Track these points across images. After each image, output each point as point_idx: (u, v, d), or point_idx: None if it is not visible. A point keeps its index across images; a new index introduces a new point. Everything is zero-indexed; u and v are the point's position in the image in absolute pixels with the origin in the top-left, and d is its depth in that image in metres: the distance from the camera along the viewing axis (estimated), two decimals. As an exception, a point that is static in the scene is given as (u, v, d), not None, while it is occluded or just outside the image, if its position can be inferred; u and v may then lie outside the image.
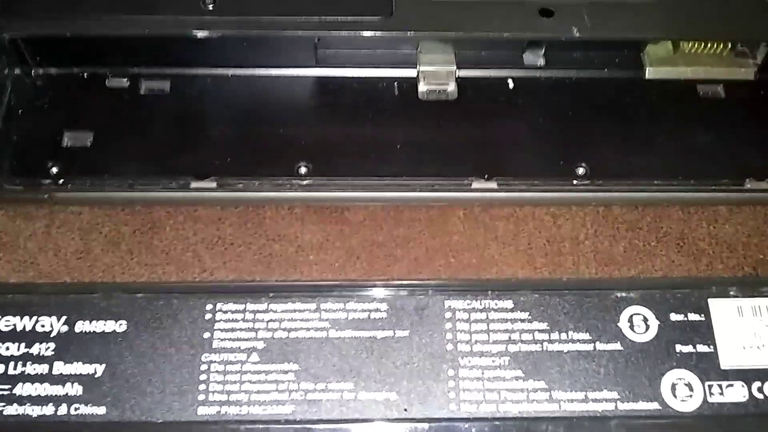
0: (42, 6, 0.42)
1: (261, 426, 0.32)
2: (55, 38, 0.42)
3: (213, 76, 0.44)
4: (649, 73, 0.46)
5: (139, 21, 0.42)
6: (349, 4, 0.43)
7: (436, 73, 0.44)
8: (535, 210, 0.44)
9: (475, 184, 0.42)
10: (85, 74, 0.44)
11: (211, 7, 0.42)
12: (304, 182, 0.41)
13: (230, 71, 0.44)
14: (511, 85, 0.45)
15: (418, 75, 0.44)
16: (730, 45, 0.45)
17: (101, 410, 0.33)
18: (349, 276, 0.40)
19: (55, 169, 0.41)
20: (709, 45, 0.46)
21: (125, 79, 0.44)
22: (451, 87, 0.44)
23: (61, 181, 0.41)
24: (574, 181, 0.42)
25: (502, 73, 0.45)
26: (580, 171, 0.42)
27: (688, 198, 0.43)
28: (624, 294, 0.35)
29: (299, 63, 0.45)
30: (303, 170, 0.41)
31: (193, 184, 0.41)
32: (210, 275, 0.40)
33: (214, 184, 0.41)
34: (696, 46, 0.45)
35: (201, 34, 0.42)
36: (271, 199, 0.42)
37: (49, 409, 0.33)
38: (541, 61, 0.45)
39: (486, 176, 0.42)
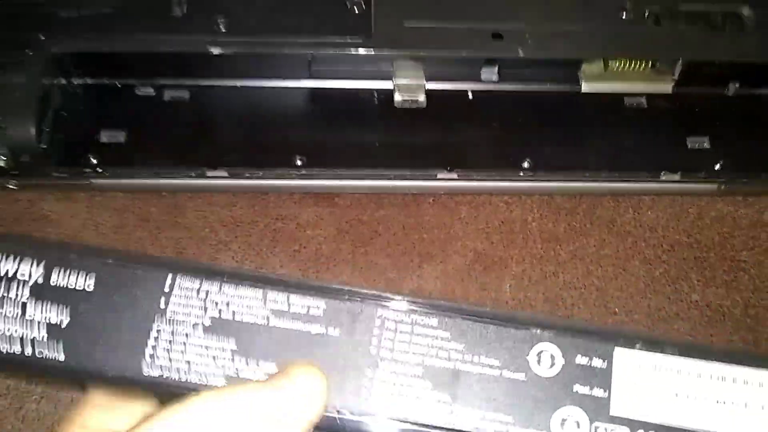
0: (81, 26, 0.50)
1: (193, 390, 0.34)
2: (93, 53, 0.50)
3: (225, 87, 0.52)
4: (584, 87, 0.54)
5: (164, 40, 0.50)
6: (337, 28, 0.51)
7: (408, 86, 0.53)
8: (492, 197, 0.53)
9: (440, 175, 0.50)
10: (118, 83, 0.52)
11: (223, 29, 0.50)
12: (301, 172, 0.49)
13: (239, 82, 0.52)
14: (470, 96, 0.54)
15: (393, 87, 0.52)
16: (650, 63, 0.54)
17: (61, 356, 0.35)
18: (339, 246, 0.49)
19: (94, 161, 0.49)
20: (633, 63, 0.54)
21: (152, 89, 0.52)
22: (422, 98, 0.52)
23: (99, 170, 0.49)
24: (521, 173, 0.51)
25: (463, 86, 0.54)
26: (526, 165, 0.51)
27: (616, 188, 0.52)
28: (539, 331, 0.36)
29: (296, 76, 0.53)
30: (299, 162, 0.49)
31: (208, 173, 0.49)
32: (225, 246, 0.48)
33: (225, 174, 0.49)
34: (622, 64, 0.54)
35: (216, 51, 0.49)
36: (273, 186, 0.50)
37: (17, 348, 0.35)
38: (495, 77, 0.54)
39: (449, 168, 0.50)
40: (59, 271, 0.36)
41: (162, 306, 0.36)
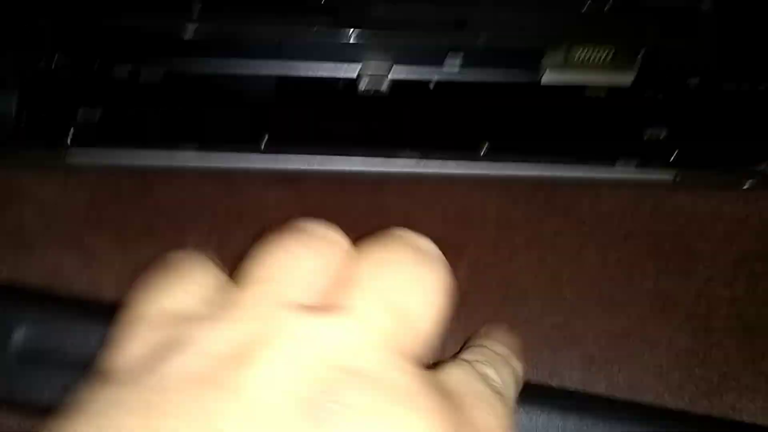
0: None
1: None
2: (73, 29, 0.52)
3: (197, 70, 0.54)
4: (545, 78, 0.56)
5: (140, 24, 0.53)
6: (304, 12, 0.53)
7: (373, 77, 0.55)
8: (452, 186, 0.54)
9: (401, 154, 0.52)
10: (95, 65, 0.54)
11: (196, 16, 0.53)
12: (266, 152, 0.51)
13: (211, 66, 0.54)
14: (431, 86, 0.55)
15: (357, 75, 0.55)
16: (612, 56, 0.56)
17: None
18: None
19: (69, 139, 0.51)
20: (595, 55, 0.56)
21: (126, 71, 0.54)
22: (384, 88, 0.55)
23: (73, 148, 0.51)
24: (478, 156, 0.52)
25: (426, 74, 0.55)
26: (484, 150, 0.52)
27: (572, 177, 0.54)
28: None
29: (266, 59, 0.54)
30: (264, 143, 0.51)
31: (179, 154, 0.51)
32: (191, 225, 0.51)
33: (194, 154, 0.51)
34: (584, 55, 0.56)
35: (188, 36, 0.52)
36: (239, 168, 0.52)
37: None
38: (457, 67, 0.55)
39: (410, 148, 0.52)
40: None
41: None
